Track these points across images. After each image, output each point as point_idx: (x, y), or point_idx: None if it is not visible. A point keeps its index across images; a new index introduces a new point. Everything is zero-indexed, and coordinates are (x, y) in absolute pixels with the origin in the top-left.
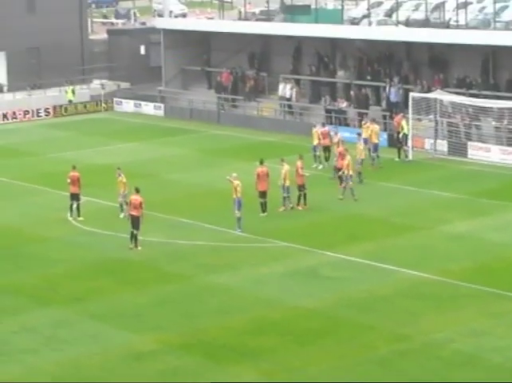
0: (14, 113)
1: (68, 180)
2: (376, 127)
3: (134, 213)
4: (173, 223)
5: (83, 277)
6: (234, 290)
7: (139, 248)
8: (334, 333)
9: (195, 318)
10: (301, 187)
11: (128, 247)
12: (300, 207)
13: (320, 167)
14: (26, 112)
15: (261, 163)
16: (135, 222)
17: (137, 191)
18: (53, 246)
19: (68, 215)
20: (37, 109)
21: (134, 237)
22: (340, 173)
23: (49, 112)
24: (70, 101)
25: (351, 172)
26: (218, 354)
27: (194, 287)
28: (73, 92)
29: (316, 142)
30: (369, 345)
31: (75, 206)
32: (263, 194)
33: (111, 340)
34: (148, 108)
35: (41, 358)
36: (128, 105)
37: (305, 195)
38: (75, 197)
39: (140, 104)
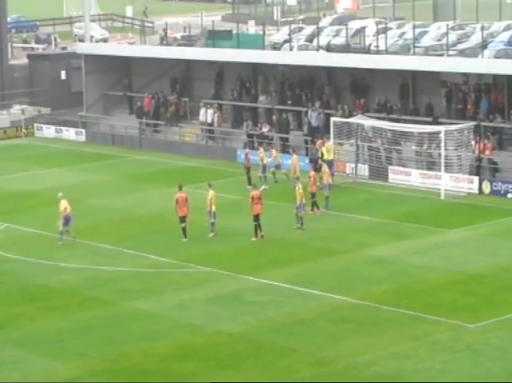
0: None
1: None
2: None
3: None
4: (95, 249)
5: (3, 303)
6: (157, 316)
7: None
8: (257, 357)
9: (118, 344)
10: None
11: (48, 274)
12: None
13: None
14: None
15: (180, 188)
16: None
17: None
18: None
19: None
20: None
21: None
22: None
23: None
24: None
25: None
26: (141, 379)
27: (116, 313)
28: None
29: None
30: (291, 368)
31: None
32: (183, 219)
33: (32, 367)
34: (69, 133)
35: None
36: (49, 131)
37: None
38: None
39: (61, 130)
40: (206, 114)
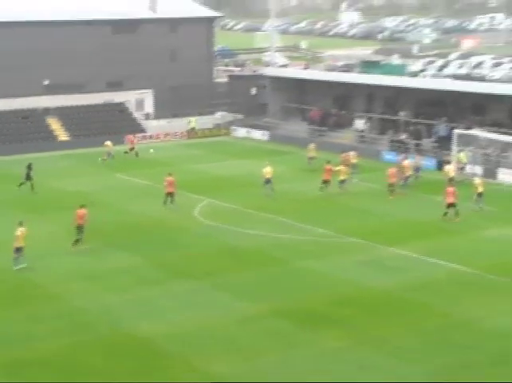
0: (158, 134)
1: (165, 183)
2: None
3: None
4: (276, 222)
5: (208, 258)
6: (321, 273)
7: None
8: (394, 308)
9: (295, 292)
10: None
11: (241, 238)
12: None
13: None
14: (167, 134)
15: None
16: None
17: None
18: (184, 234)
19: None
20: (175, 132)
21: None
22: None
23: (183, 135)
24: (193, 129)
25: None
26: (308, 321)
27: (291, 269)
28: (196, 121)
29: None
30: (420, 318)
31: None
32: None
33: (228, 307)
34: (257, 134)
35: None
36: (242, 132)
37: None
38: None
39: (251, 131)
40: (360, 123)
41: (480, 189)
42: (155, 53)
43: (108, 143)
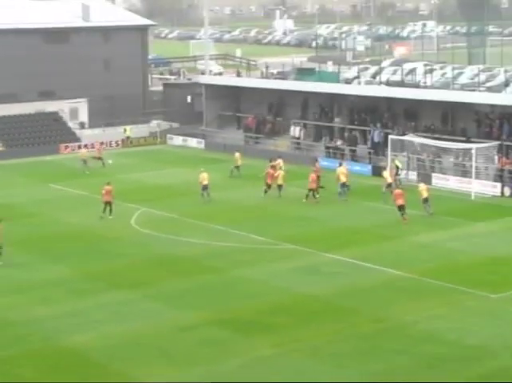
0: (92, 144)
1: (103, 191)
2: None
3: None
4: (211, 229)
5: (142, 267)
6: (255, 281)
7: None
8: (330, 314)
9: (226, 301)
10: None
11: (175, 246)
12: None
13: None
14: (102, 143)
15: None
16: None
17: None
18: (119, 243)
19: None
20: (110, 141)
21: None
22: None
23: (118, 144)
24: (128, 137)
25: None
26: (243, 329)
27: (225, 278)
28: (131, 130)
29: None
30: (355, 324)
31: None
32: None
33: (161, 316)
34: (193, 142)
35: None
36: (178, 140)
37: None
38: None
39: (187, 140)
40: (295, 130)
41: (425, 194)
42: (89, 63)
43: (83, 151)
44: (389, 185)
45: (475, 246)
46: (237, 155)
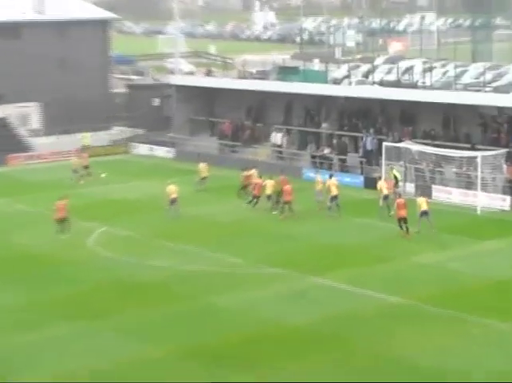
0: (45, 155)
1: (55, 207)
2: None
3: None
4: (180, 250)
5: (102, 295)
6: (233, 310)
7: None
8: (319, 346)
9: (199, 333)
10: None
11: (140, 271)
12: None
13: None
14: (57, 153)
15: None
16: None
17: None
18: (76, 268)
19: None
20: (67, 151)
21: None
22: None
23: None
24: (86, 146)
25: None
26: (218, 363)
27: (198, 306)
28: (89, 138)
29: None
30: (348, 356)
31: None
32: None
33: (125, 349)
34: (160, 151)
35: None
36: (143, 149)
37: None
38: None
39: (153, 148)
40: (277, 137)
41: (424, 207)
42: (42, 61)
43: (74, 159)
44: (386, 197)
45: (482, 268)
46: (201, 165)
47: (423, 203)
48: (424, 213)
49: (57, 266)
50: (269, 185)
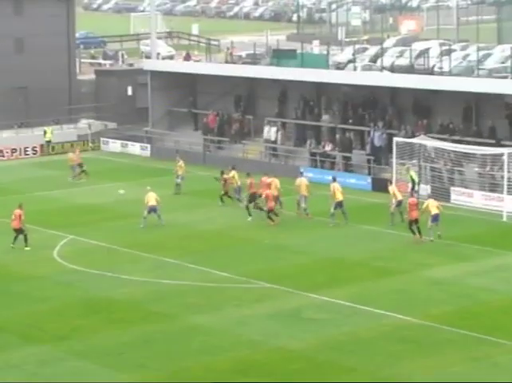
0: (1, 151)
1: (13, 217)
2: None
3: None
4: (158, 263)
5: (67, 315)
6: (218, 331)
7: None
8: (315, 375)
9: (179, 358)
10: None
11: (112, 287)
12: None
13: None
14: (14, 151)
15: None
16: None
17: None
18: (38, 284)
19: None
20: (25, 147)
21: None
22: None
23: (36, 151)
24: (49, 142)
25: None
26: None
27: (178, 327)
28: (52, 133)
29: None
30: None
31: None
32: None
33: (93, 378)
34: (135, 148)
35: None
36: (115, 145)
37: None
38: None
39: (127, 145)
40: (270, 132)
41: (435, 211)
42: None
43: (71, 155)
44: (400, 203)
45: (507, 284)
46: (180, 163)
47: (433, 206)
48: (435, 218)
49: (17, 282)
50: (275, 185)
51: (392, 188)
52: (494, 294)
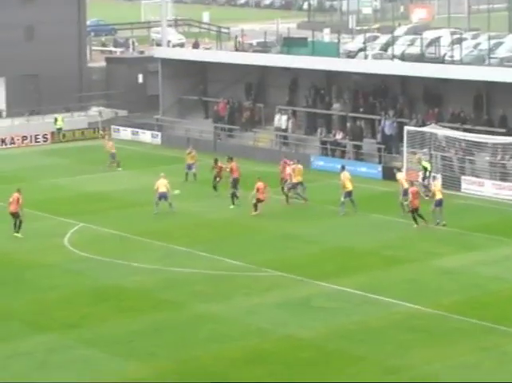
0: (12, 139)
1: (10, 199)
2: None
3: None
4: (169, 251)
5: (76, 303)
6: (227, 319)
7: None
8: (324, 364)
9: (189, 346)
10: None
11: (122, 275)
12: None
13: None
14: (24, 138)
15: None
16: None
17: None
18: (48, 272)
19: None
20: (36, 135)
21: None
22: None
23: (47, 138)
24: (59, 129)
25: None
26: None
27: (187, 315)
28: (63, 120)
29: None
30: (358, 376)
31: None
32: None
33: (103, 366)
34: (145, 136)
35: None
36: (126, 133)
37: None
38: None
39: (138, 132)
40: (281, 120)
41: (439, 195)
42: (6, 30)
43: (108, 142)
44: (406, 192)
45: None
46: (192, 153)
47: (438, 191)
48: (439, 203)
49: (27, 268)
50: (298, 171)
51: (400, 176)
52: (504, 283)
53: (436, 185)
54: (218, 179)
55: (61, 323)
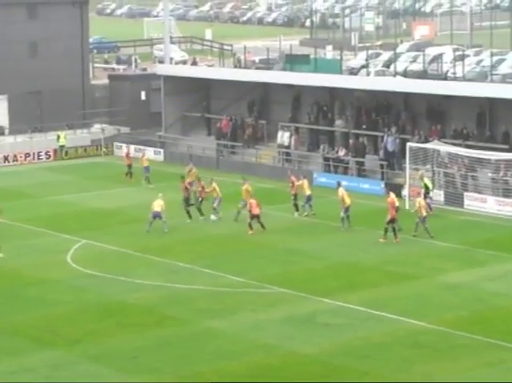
0: (15, 156)
1: None
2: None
3: None
4: (172, 267)
5: (81, 319)
6: (232, 335)
7: None
8: (329, 380)
9: (193, 363)
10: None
11: (126, 291)
12: None
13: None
14: (27, 155)
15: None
16: None
17: None
18: (52, 288)
19: None
20: (38, 152)
21: None
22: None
23: (49, 155)
24: (62, 147)
25: None
26: None
27: (192, 332)
28: (65, 137)
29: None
30: None
31: None
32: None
33: (108, 382)
34: (148, 153)
35: None
36: (128, 150)
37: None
38: None
39: (140, 149)
40: (283, 137)
41: (424, 213)
42: (10, 47)
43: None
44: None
45: None
46: (192, 170)
47: (423, 207)
48: (424, 219)
49: (30, 285)
50: (306, 185)
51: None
52: (508, 298)
53: (421, 201)
54: (199, 198)
55: (65, 339)
